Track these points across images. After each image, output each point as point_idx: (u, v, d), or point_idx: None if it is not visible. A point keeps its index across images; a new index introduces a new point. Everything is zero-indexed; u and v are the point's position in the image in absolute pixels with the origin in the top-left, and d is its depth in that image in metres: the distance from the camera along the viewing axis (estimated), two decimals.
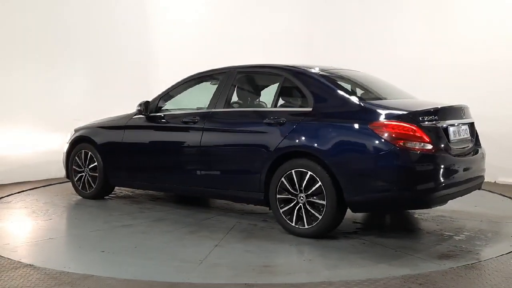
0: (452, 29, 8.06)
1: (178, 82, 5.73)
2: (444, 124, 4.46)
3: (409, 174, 4.19)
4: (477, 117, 7.40)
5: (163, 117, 5.63)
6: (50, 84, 7.81)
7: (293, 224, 4.56)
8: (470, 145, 4.86)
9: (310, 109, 4.64)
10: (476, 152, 4.89)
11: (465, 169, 4.62)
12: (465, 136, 4.79)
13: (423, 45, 8.27)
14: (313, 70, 4.94)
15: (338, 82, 4.93)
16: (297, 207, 4.53)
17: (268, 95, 5.15)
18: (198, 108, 5.51)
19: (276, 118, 4.74)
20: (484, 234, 4.72)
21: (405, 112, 4.32)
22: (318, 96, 4.69)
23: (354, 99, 4.58)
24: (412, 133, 4.19)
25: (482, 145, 5.14)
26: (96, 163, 6.09)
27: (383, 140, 4.18)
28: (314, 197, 4.43)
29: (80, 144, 6.28)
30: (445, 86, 7.82)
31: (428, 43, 8.22)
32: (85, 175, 6.21)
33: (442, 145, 4.35)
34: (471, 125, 4.98)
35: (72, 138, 6.39)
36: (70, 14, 7.93)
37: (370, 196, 4.32)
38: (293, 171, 4.54)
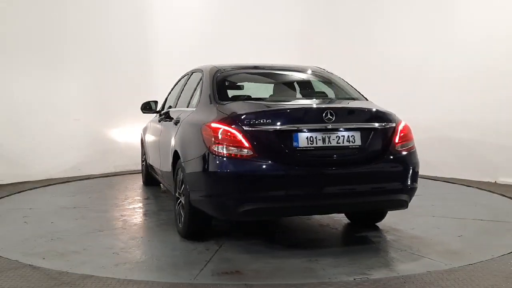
0: (452, 30, 7.86)
1: (176, 82, 6.22)
2: (283, 127, 3.81)
3: (214, 181, 3.83)
4: (477, 117, 7.32)
5: (161, 115, 6.21)
6: (50, 84, 7.86)
7: (178, 222, 4.61)
8: (356, 155, 3.91)
9: (195, 109, 4.61)
10: (369, 163, 3.90)
11: (330, 183, 3.83)
12: (346, 143, 3.86)
13: (423, 46, 8.11)
14: (215, 70, 4.80)
15: (237, 81, 4.72)
16: (179, 206, 4.57)
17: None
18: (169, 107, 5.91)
19: (177, 118, 4.86)
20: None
21: (228, 114, 3.93)
22: (201, 95, 4.62)
23: (216, 99, 4.31)
24: (228, 137, 3.77)
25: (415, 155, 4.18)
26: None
27: (203, 143, 3.94)
28: (183, 197, 4.42)
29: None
30: (445, 87, 7.73)
31: (428, 44, 8.06)
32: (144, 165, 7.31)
33: (272, 152, 3.75)
34: (370, 131, 3.97)
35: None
36: (69, 14, 8.09)
37: (198, 200, 4.07)
38: (179, 170, 4.60)
